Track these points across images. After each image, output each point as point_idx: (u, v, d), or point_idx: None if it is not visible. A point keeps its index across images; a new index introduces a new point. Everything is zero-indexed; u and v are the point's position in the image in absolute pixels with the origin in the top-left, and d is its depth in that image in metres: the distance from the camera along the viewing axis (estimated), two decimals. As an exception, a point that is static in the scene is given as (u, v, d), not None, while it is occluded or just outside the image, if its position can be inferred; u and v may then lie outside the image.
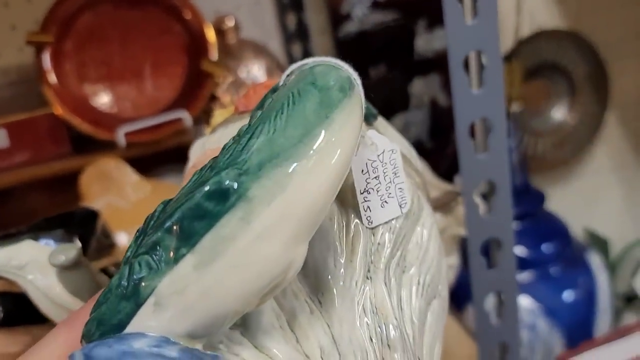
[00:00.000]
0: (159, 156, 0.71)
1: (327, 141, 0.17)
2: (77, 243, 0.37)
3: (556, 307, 0.79)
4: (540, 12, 0.94)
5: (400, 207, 0.24)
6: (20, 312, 0.38)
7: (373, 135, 0.24)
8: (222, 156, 0.18)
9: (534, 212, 0.85)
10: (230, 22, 0.73)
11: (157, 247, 0.17)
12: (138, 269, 0.17)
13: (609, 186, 1.09)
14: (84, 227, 0.40)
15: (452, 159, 0.93)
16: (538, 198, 0.85)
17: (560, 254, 0.83)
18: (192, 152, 0.30)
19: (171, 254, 0.17)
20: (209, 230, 0.16)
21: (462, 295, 0.73)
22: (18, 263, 0.36)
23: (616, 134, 1.06)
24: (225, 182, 0.17)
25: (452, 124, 1.00)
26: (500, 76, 0.37)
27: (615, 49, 0.99)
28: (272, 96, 0.20)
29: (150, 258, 0.17)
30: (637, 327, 0.60)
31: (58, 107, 0.66)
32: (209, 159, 0.18)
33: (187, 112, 0.69)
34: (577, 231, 0.98)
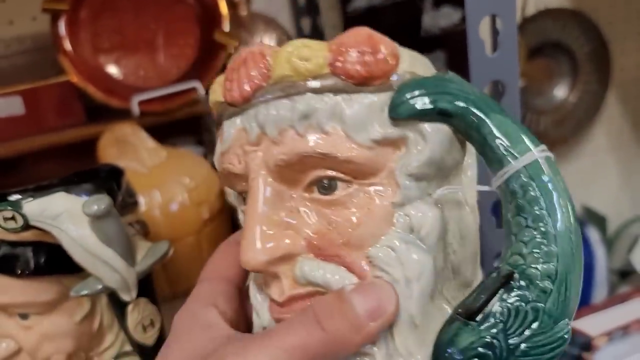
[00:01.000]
0: (171, 125, 0.72)
1: None
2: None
3: (555, 278, 0.82)
4: (546, -10, 0.95)
5: None
6: (51, 262, 0.39)
7: None
8: None
9: (535, 187, 0.87)
10: (241, -5, 0.74)
11: None
12: None
13: (607, 164, 1.11)
14: (110, 182, 0.42)
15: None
16: (539, 173, 0.87)
17: (559, 228, 0.85)
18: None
19: None
20: None
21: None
22: (52, 213, 0.37)
23: (616, 113, 1.08)
24: None
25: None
26: (514, 41, 0.39)
27: (618, 29, 1.01)
28: None
29: None
30: (634, 294, 0.62)
31: (73, 75, 0.67)
32: None
33: (200, 83, 0.70)
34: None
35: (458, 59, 0.91)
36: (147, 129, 0.65)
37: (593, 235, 0.87)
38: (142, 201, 0.54)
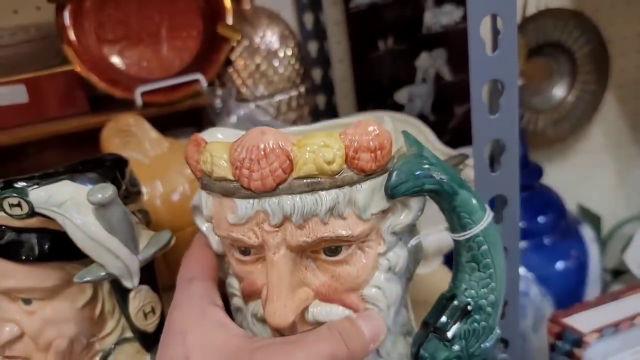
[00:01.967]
0: (173, 117, 0.72)
1: None
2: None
3: (549, 275, 0.83)
4: (547, -10, 0.96)
5: None
6: (56, 248, 0.40)
7: None
8: None
9: (532, 185, 0.88)
10: (245, -12, 0.74)
11: None
12: None
13: (604, 164, 1.12)
14: (114, 172, 0.42)
15: (454, 132, 0.95)
16: (536, 172, 0.88)
17: (555, 225, 0.86)
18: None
19: None
20: None
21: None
22: (57, 201, 0.38)
23: (614, 113, 1.09)
24: None
25: (455, 98, 1.02)
26: (514, 40, 0.40)
27: (618, 30, 1.02)
28: None
29: None
30: (628, 291, 0.63)
31: (77, 65, 0.67)
32: None
33: (203, 75, 0.70)
34: (571, 207, 1.02)
35: (459, 57, 0.92)
36: (149, 120, 0.66)
37: (587, 233, 0.88)
38: (144, 191, 0.54)
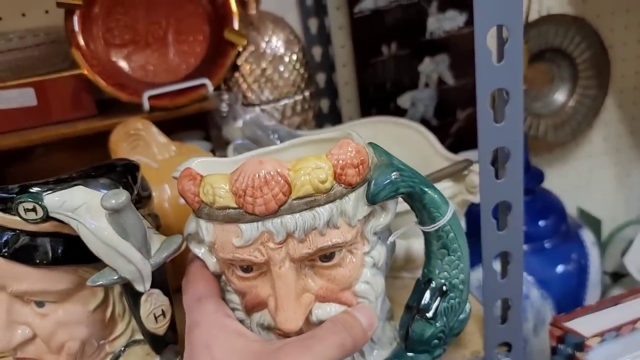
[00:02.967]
0: (179, 121, 0.73)
1: None
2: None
3: (549, 279, 0.84)
4: (549, -3, 0.97)
5: None
6: (69, 252, 0.41)
7: None
8: None
9: (533, 189, 0.88)
10: (251, -6, 0.75)
11: None
12: None
13: (604, 169, 1.13)
14: (126, 177, 0.43)
15: (456, 137, 0.96)
16: (537, 176, 0.89)
17: (556, 229, 0.87)
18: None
19: None
20: None
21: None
22: (71, 206, 0.38)
23: (614, 118, 1.10)
24: None
25: (458, 103, 1.03)
26: (520, 50, 0.40)
27: (618, 36, 1.03)
28: None
29: None
30: (629, 295, 0.63)
31: (85, 69, 0.68)
32: None
33: (209, 80, 0.71)
34: (571, 211, 1.02)
35: (461, 62, 0.92)
36: (155, 124, 0.66)
37: (588, 237, 0.89)
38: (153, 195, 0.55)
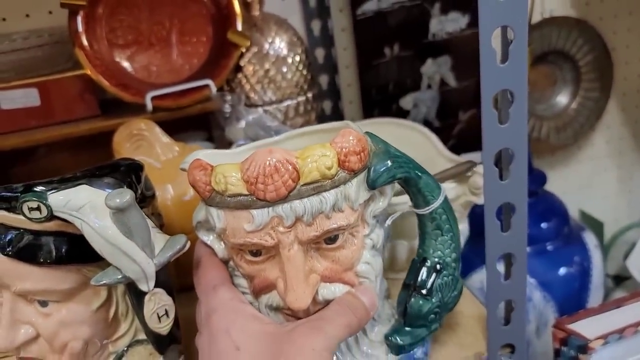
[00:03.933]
0: (181, 121, 0.73)
1: None
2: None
3: (552, 281, 0.84)
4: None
5: None
6: (72, 251, 0.41)
7: None
8: None
9: (536, 191, 0.88)
10: (255, -5, 0.75)
11: None
12: None
13: (606, 171, 1.13)
14: (130, 176, 0.43)
15: (458, 138, 0.96)
16: (540, 178, 0.89)
17: (558, 232, 0.87)
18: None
19: None
20: None
21: (466, 264, 0.76)
22: (75, 205, 0.38)
23: (617, 121, 1.10)
24: None
25: (460, 105, 1.03)
26: (524, 51, 0.40)
27: (621, 39, 1.03)
28: None
29: None
30: (630, 299, 0.63)
31: (88, 69, 0.68)
32: None
33: (212, 81, 0.71)
34: (573, 213, 1.02)
35: (463, 64, 0.93)
36: (157, 124, 0.66)
37: (591, 240, 0.88)
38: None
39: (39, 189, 0.38)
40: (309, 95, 0.78)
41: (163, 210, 0.53)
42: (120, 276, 0.40)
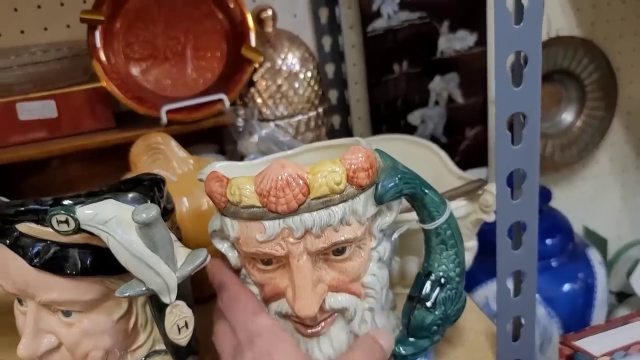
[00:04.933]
0: (197, 135, 0.74)
1: None
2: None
3: (556, 297, 0.85)
4: (558, 19, 0.98)
5: None
6: (97, 263, 0.42)
7: None
8: None
9: (540, 208, 0.89)
10: (268, 12, 0.77)
11: None
12: None
13: (610, 189, 1.14)
14: (153, 190, 0.44)
15: (465, 154, 0.98)
16: (544, 195, 0.90)
17: (562, 248, 0.88)
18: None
19: None
20: None
21: (471, 279, 0.77)
22: (102, 218, 0.40)
23: (621, 139, 1.11)
24: None
25: (467, 121, 1.04)
26: (538, 76, 0.42)
27: (626, 58, 1.04)
28: None
29: None
30: (635, 316, 0.64)
31: (105, 82, 0.69)
32: None
33: (226, 95, 0.73)
34: (577, 230, 1.03)
35: (471, 81, 0.94)
36: (173, 137, 0.67)
37: (595, 256, 0.89)
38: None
39: (67, 202, 0.40)
40: (320, 110, 0.80)
41: (179, 222, 0.54)
42: (144, 288, 0.41)
